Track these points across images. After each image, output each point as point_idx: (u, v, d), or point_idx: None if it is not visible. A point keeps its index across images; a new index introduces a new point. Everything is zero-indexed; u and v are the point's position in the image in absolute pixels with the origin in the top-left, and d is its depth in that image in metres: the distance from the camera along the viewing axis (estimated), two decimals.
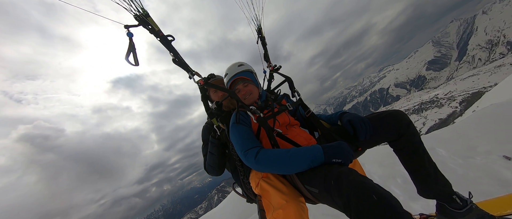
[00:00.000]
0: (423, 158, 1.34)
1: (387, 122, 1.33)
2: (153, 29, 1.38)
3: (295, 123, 1.64)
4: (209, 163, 1.68)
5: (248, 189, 1.54)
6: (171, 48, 1.44)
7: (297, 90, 1.72)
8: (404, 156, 1.39)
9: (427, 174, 1.34)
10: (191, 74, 1.52)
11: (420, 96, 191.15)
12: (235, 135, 1.40)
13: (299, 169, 1.14)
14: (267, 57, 1.97)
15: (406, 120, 1.32)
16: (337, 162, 1.10)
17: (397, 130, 1.32)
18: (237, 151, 1.36)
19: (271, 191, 1.28)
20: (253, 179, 1.46)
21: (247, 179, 1.54)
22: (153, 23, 1.37)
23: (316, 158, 1.11)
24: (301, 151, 1.17)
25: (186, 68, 1.50)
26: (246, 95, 1.60)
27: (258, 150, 1.26)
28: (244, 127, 1.43)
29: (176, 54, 1.46)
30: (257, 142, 1.37)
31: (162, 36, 1.40)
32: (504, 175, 2.39)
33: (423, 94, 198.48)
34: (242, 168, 1.54)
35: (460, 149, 3.22)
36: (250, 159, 1.25)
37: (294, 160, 1.15)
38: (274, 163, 1.19)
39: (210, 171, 1.73)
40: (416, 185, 1.42)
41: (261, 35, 1.94)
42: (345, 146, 1.15)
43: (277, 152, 1.22)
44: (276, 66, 1.92)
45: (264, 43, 1.96)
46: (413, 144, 1.34)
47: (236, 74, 1.61)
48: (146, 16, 1.35)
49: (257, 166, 1.23)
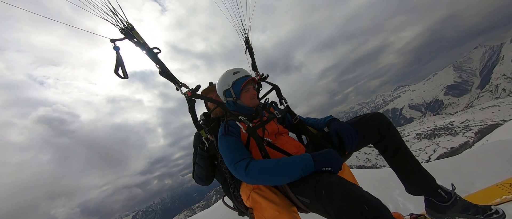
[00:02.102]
0: (405, 155, 1.41)
1: (369, 125, 1.40)
2: (139, 42, 1.38)
3: (284, 131, 1.65)
4: (197, 174, 1.68)
5: (239, 202, 1.50)
6: (157, 60, 1.43)
7: (284, 98, 1.74)
8: (389, 156, 1.46)
9: (412, 171, 1.41)
10: (178, 86, 1.49)
11: (434, 121, 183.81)
12: (224, 147, 1.37)
13: (290, 179, 1.14)
14: (254, 67, 2.01)
15: (385, 121, 1.41)
16: (327, 170, 1.10)
17: (378, 131, 1.39)
18: (227, 163, 1.33)
19: (263, 202, 1.26)
20: (244, 191, 1.43)
21: (238, 191, 1.50)
22: (138, 36, 1.37)
23: (306, 167, 1.11)
24: (291, 160, 1.16)
25: (173, 80, 1.49)
26: (253, 97, 1.63)
27: (248, 162, 1.23)
28: (233, 138, 1.41)
29: (163, 66, 1.44)
30: (247, 153, 1.35)
31: (148, 49, 1.39)
32: None
33: (438, 119, 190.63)
34: (232, 180, 1.51)
35: (457, 183, 2.97)
36: (240, 171, 1.22)
37: (284, 170, 1.14)
38: (265, 174, 1.17)
39: (198, 181, 1.73)
40: (403, 183, 1.49)
41: (249, 45, 2.00)
42: (334, 154, 1.15)
43: (267, 163, 1.20)
44: (264, 75, 1.95)
45: (251, 53, 2.01)
46: (395, 143, 1.41)
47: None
48: (131, 30, 1.35)
49: (247, 179, 1.21)
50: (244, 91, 1.63)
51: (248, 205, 1.39)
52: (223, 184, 1.70)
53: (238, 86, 1.62)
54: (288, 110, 1.71)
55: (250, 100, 1.62)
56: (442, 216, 1.43)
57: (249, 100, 1.62)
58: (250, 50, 2.01)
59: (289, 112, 1.71)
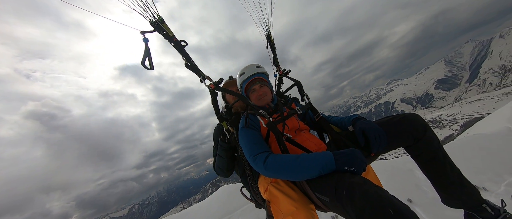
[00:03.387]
0: (444, 164, 1.26)
1: (401, 127, 1.27)
2: (168, 35, 1.43)
3: (305, 128, 1.62)
4: (218, 165, 1.71)
5: (257, 194, 1.52)
6: (184, 52, 1.47)
7: (306, 94, 1.71)
8: (423, 163, 1.32)
9: (451, 181, 1.26)
10: (202, 78, 1.54)
11: (423, 114, 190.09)
12: (244, 139, 1.38)
13: (309, 176, 1.11)
14: (276, 62, 1.98)
15: (422, 124, 1.26)
16: (350, 170, 1.05)
17: (412, 134, 1.26)
18: (246, 155, 1.34)
19: (280, 196, 1.26)
20: (261, 184, 1.44)
21: (256, 183, 1.52)
22: (168, 29, 1.43)
23: (327, 165, 1.07)
24: (311, 157, 1.13)
25: (198, 72, 1.54)
26: (261, 96, 1.60)
27: (267, 155, 1.23)
28: (253, 131, 1.42)
29: (189, 59, 1.49)
30: (266, 147, 1.35)
31: (175, 42, 1.44)
32: None
33: (427, 113, 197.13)
34: (251, 172, 1.54)
35: None
36: (259, 164, 1.22)
37: (303, 166, 1.11)
38: (283, 169, 1.16)
39: (219, 172, 1.75)
40: (439, 193, 1.34)
41: (270, 40, 1.97)
42: (358, 154, 1.09)
43: (287, 158, 1.19)
44: (285, 71, 1.91)
45: (273, 48, 1.99)
46: (431, 149, 1.27)
47: (255, 74, 1.61)
48: (161, 23, 1.40)
49: (265, 172, 1.21)
50: (250, 92, 1.63)
51: (265, 197, 1.40)
52: (242, 176, 1.72)
53: (243, 88, 1.65)
54: (310, 106, 1.66)
55: (258, 101, 1.61)
56: None
57: (256, 100, 1.61)
58: (272, 45, 1.98)
59: (311, 108, 1.66)
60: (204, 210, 5.95)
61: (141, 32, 1.36)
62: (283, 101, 1.74)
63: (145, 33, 1.38)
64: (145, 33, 1.38)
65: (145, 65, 1.41)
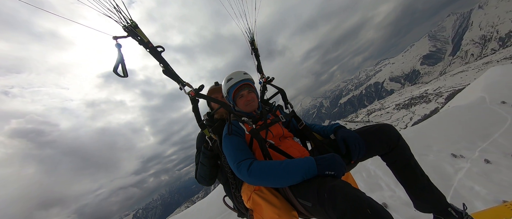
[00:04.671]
0: (415, 171, 1.38)
1: (378, 136, 1.36)
2: (142, 40, 1.37)
3: (289, 135, 1.64)
4: (200, 174, 1.68)
5: (240, 203, 1.51)
6: (161, 59, 1.42)
7: (290, 102, 1.75)
8: (398, 170, 1.43)
9: (421, 188, 1.37)
10: (181, 85, 1.49)
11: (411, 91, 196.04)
12: (228, 147, 1.38)
13: (293, 181, 1.14)
14: (260, 69, 1.98)
15: (395, 134, 1.37)
16: (330, 174, 1.10)
17: (387, 143, 1.35)
18: (230, 163, 1.34)
19: (263, 204, 1.26)
20: (245, 192, 1.44)
21: (239, 192, 1.51)
22: (142, 35, 1.37)
23: (309, 170, 1.11)
24: (294, 162, 1.17)
25: (176, 79, 1.48)
26: (249, 102, 1.62)
27: (251, 162, 1.24)
28: (238, 137, 1.42)
29: (166, 65, 1.45)
30: (250, 154, 1.36)
31: (151, 47, 1.39)
32: (448, 170, 2.95)
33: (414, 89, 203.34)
34: (234, 180, 1.53)
35: (417, 147, 3.78)
36: (242, 171, 1.23)
37: (287, 171, 1.14)
38: (267, 175, 1.18)
39: (200, 181, 1.71)
40: (412, 199, 1.44)
41: (254, 47, 1.96)
42: (338, 158, 1.15)
43: (270, 164, 1.21)
44: (269, 78, 1.93)
45: (257, 54, 1.98)
46: (404, 158, 1.38)
47: (243, 80, 1.62)
48: (134, 28, 1.34)
49: (249, 179, 1.22)
50: (238, 98, 1.63)
51: (248, 206, 1.39)
52: (225, 184, 1.71)
53: (231, 93, 1.64)
54: (293, 114, 1.70)
55: (245, 106, 1.62)
56: None
57: (243, 106, 1.61)
58: (256, 51, 1.97)
59: (294, 116, 1.70)
60: (205, 208, 6.17)
61: (114, 37, 1.30)
62: (268, 109, 1.77)
63: (117, 38, 1.31)
64: (117, 38, 1.31)
65: (118, 72, 1.33)
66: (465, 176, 2.82)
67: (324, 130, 1.63)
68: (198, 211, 6.24)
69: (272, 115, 1.68)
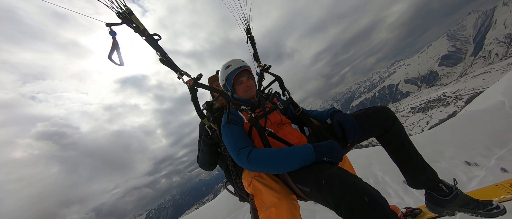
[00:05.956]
0: (409, 151, 1.42)
1: (374, 118, 1.39)
2: (138, 28, 1.31)
3: (287, 122, 1.66)
4: (201, 159, 1.73)
5: (241, 189, 1.55)
6: (158, 47, 1.38)
7: (287, 89, 1.76)
8: (392, 150, 1.47)
9: (415, 166, 1.43)
10: (179, 74, 1.45)
11: (428, 93, 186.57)
12: (227, 135, 1.39)
13: (291, 168, 1.17)
14: (256, 57, 1.97)
15: (391, 116, 1.40)
16: (328, 161, 1.13)
17: (383, 125, 1.38)
18: (229, 151, 1.36)
19: (263, 189, 1.29)
20: (245, 179, 1.46)
21: (239, 178, 1.54)
22: (138, 21, 1.30)
23: (307, 157, 1.13)
24: (292, 150, 1.19)
25: (174, 68, 1.44)
26: (249, 88, 1.62)
27: (250, 150, 1.26)
28: (236, 126, 1.43)
29: (164, 54, 1.40)
30: (250, 142, 1.38)
31: (147, 35, 1.33)
32: (461, 178, 2.82)
33: (432, 91, 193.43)
34: (234, 167, 1.56)
35: (429, 153, 3.68)
36: (242, 159, 1.25)
37: (286, 159, 1.17)
38: (267, 162, 1.20)
39: (202, 166, 1.77)
40: (405, 177, 1.49)
41: (250, 35, 1.94)
42: (336, 145, 1.17)
43: (269, 152, 1.24)
44: (266, 66, 1.92)
45: (253, 43, 1.96)
46: (399, 138, 1.41)
47: (242, 66, 1.61)
48: (129, 14, 1.28)
49: (249, 166, 1.24)
50: (237, 84, 1.62)
51: (249, 191, 1.42)
52: (226, 171, 1.74)
53: (231, 80, 1.63)
54: (291, 101, 1.72)
55: (245, 93, 1.62)
56: (442, 210, 1.45)
57: (243, 92, 1.62)
58: (252, 40, 1.97)
59: (291, 103, 1.72)
60: (213, 209, 6.24)
61: (107, 24, 1.24)
62: (265, 96, 1.80)
63: (111, 25, 1.24)
64: (111, 25, 1.24)
65: (113, 59, 1.27)
66: (479, 184, 2.68)
67: (321, 115, 1.67)
68: (208, 212, 6.34)
69: (270, 102, 1.70)
